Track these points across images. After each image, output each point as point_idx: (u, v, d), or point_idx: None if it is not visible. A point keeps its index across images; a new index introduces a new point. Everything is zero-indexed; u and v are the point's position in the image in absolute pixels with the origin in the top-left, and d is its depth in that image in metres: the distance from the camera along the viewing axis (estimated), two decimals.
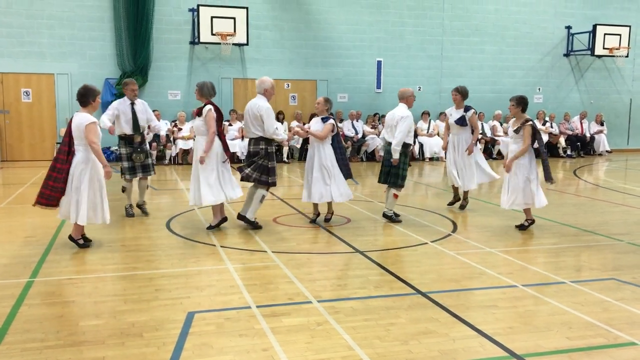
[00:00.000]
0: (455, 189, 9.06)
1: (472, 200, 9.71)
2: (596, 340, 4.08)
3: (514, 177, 7.33)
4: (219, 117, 7.21)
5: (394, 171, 7.85)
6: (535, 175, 7.32)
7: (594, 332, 4.21)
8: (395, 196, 7.96)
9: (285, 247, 6.61)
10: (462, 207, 9.01)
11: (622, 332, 4.20)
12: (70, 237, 6.44)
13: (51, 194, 6.17)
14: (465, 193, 9.01)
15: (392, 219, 7.98)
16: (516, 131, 7.29)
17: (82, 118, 6.12)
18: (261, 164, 7.27)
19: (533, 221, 7.59)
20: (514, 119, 7.49)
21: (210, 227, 7.36)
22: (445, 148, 9.20)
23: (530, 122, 7.28)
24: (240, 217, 7.45)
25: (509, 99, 7.60)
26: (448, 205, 9.22)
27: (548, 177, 7.40)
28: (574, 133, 18.63)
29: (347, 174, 7.79)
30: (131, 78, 9.59)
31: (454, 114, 8.84)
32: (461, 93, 8.69)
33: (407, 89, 8.06)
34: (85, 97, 6.23)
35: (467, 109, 8.72)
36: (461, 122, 8.66)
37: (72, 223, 6.30)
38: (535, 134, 7.27)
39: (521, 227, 7.57)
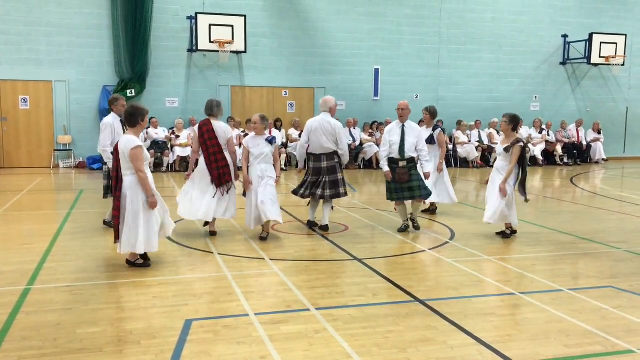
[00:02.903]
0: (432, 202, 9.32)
1: (470, 209, 9.74)
2: (594, 348, 4.08)
3: (494, 194, 7.32)
4: (200, 135, 7.31)
5: (422, 184, 7.75)
6: (513, 196, 7.33)
7: (591, 339, 4.22)
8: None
9: (283, 255, 6.61)
10: (429, 210, 9.30)
11: (620, 339, 4.21)
12: (128, 262, 5.98)
13: (116, 224, 5.80)
14: (432, 203, 9.28)
15: (417, 226, 7.97)
16: (506, 150, 7.28)
17: (127, 141, 5.66)
18: (337, 179, 7.70)
19: (515, 231, 7.60)
20: (503, 136, 7.52)
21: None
22: None
23: (521, 144, 7.30)
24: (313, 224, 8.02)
25: (502, 113, 7.61)
26: (429, 213, 9.33)
27: (523, 193, 7.44)
28: (570, 141, 18.69)
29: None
30: (118, 94, 9.33)
31: (424, 132, 9.15)
32: (430, 112, 9.00)
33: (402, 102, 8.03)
34: (134, 116, 5.77)
35: (435, 127, 9.05)
36: (430, 140, 8.94)
37: (130, 252, 5.86)
38: (523, 154, 7.31)
39: (504, 235, 7.57)
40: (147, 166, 5.85)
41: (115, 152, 5.82)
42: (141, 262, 5.99)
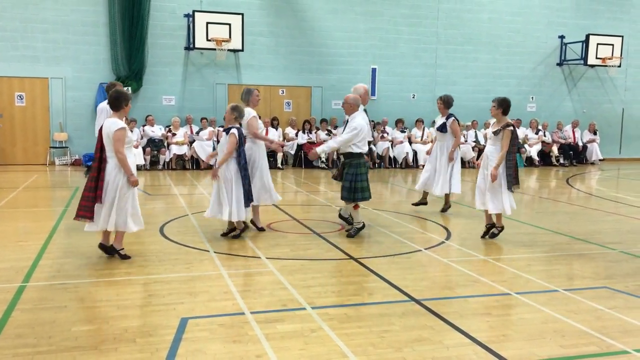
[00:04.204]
0: (425, 193, 9.41)
1: (466, 208, 9.76)
2: (589, 348, 4.09)
3: (484, 181, 7.26)
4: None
5: (345, 186, 7.33)
6: (506, 181, 7.16)
7: (587, 340, 4.22)
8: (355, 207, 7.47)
9: (279, 254, 6.60)
10: (444, 210, 9.31)
11: (615, 340, 4.22)
12: (112, 248, 6.15)
13: (86, 204, 5.88)
14: (447, 197, 9.26)
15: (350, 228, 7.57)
16: (495, 133, 7.14)
17: (112, 124, 5.81)
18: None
19: (502, 228, 7.44)
20: (495, 121, 7.37)
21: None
22: (429, 153, 9.55)
23: (510, 127, 7.09)
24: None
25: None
26: (413, 205, 9.50)
27: (510, 185, 7.19)
28: (566, 142, 18.74)
29: (249, 199, 7.08)
30: (115, 81, 9.47)
31: (437, 121, 9.28)
32: (444, 102, 9.03)
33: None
34: (119, 100, 5.93)
35: (448, 116, 9.04)
36: (441, 128, 9.02)
37: (110, 230, 6.01)
38: (514, 139, 7.10)
39: (492, 236, 7.41)
40: (129, 149, 5.97)
41: (99, 135, 5.95)
42: (124, 254, 6.15)
